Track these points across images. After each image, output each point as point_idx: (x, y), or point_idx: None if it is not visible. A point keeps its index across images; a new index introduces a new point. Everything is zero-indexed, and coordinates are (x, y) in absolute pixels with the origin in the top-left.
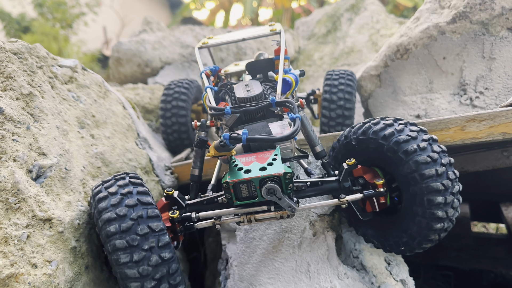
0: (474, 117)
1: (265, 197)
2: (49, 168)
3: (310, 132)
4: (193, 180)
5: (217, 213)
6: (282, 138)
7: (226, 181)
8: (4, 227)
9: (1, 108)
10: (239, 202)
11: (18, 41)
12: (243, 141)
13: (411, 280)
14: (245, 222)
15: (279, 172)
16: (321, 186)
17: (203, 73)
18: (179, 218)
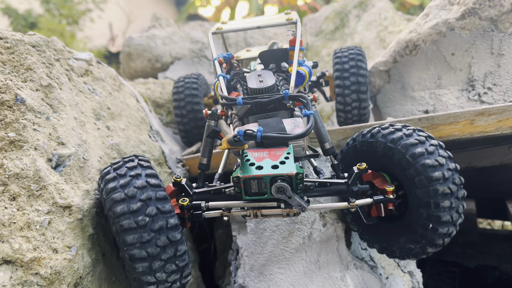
0: (483, 111)
1: (275, 195)
2: (68, 158)
3: (320, 128)
4: (201, 168)
5: (227, 204)
6: (296, 136)
7: (237, 175)
8: (27, 213)
9: (22, 98)
10: (248, 197)
11: (36, 34)
12: (257, 139)
13: (418, 272)
14: (252, 216)
15: (291, 172)
16: (330, 188)
17: (216, 60)
18: (189, 205)
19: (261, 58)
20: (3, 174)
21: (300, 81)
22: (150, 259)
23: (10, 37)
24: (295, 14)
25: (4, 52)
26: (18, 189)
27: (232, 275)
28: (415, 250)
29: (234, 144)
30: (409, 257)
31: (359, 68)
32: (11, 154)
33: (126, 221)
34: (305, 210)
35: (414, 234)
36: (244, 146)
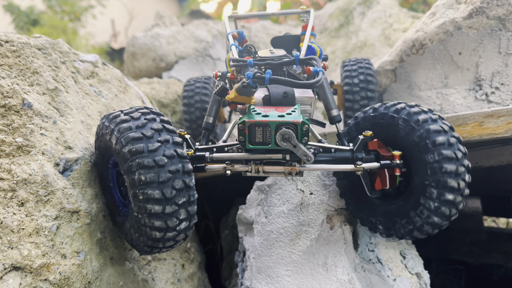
0: (492, 113)
1: (280, 144)
2: (75, 162)
3: (328, 94)
4: (206, 127)
5: (230, 156)
6: (306, 84)
7: (243, 120)
8: (35, 218)
9: (29, 103)
10: (252, 146)
11: (42, 37)
12: (266, 81)
13: (426, 274)
14: (253, 172)
15: (297, 120)
16: (334, 154)
17: (229, 34)
18: (193, 155)
19: (273, 43)
20: (11, 179)
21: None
22: (165, 202)
23: (16, 40)
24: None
25: (10, 56)
26: (27, 195)
27: (239, 277)
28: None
29: (242, 91)
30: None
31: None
32: (19, 159)
33: (145, 159)
34: (310, 160)
35: (419, 205)
36: (252, 100)
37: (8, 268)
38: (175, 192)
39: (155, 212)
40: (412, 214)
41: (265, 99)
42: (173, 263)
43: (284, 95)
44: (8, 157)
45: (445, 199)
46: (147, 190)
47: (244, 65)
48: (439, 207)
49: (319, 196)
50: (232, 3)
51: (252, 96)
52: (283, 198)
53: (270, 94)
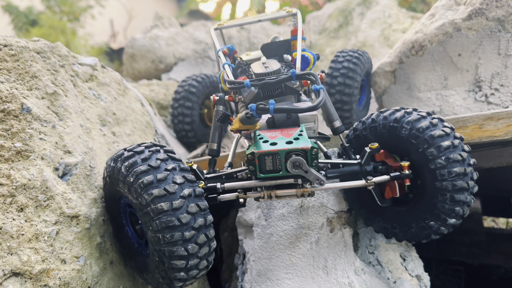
0: (492, 116)
1: (291, 171)
2: (75, 166)
3: (329, 107)
4: (211, 154)
5: (242, 184)
6: (308, 109)
7: (252, 151)
8: (35, 224)
9: (28, 107)
10: (263, 175)
11: (40, 40)
12: (270, 111)
13: (426, 276)
14: (266, 197)
15: (306, 146)
16: (342, 169)
17: (220, 51)
18: (205, 187)
19: (264, 50)
20: (10, 185)
21: (304, 65)
22: (182, 227)
23: (14, 44)
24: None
25: (9, 60)
26: (26, 200)
27: (239, 280)
28: (436, 226)
29: (246, 121)
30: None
31: (350, 70)
32: (18, 164)
33: (156, 190)
34: (323, 184)
35: (433, 209)
36: (256, 126)
37: (7, 274)
38: (190, 217)
39: (174, 240)
40: (428, 218)
41: (269, 122)
42: None
43: (288, 116)
44: (7, 162)
45: (458, 200)
46: (162, 218)
47: (241, 87)
48: (453, 209)
49: (319, 199)
50: (231, 2)
51: (257, 123)
52: (283, 201)
53: (273, 116)
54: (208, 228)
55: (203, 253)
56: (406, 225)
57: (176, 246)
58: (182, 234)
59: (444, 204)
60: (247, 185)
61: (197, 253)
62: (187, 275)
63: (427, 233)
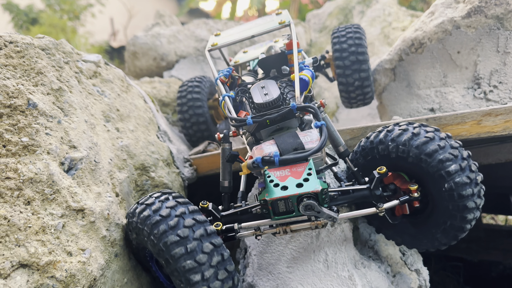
0: (490, 112)
1: (303, 213)
2: (80, 161)
3: (333, 133)
4: (223, 191)
5: (258, 223)
6: (313, 152)
7: (264, 199)
8: (42, 216)
9: (34, 103)
10: (277, 218)
11: (45, 37)
12: (276, 164)
13: (425, 270)
14: (281, 233)
15: (316, 189)
16: (352, 194)
17: (217, 80)
18: (224, 229)
19: (261, 65)
20: (17, 178)
21: (304, 87)
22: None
23: (20, 40)
24: (286, 14)
25: (14, 56)
26: (33, 194)
27: (240, 274)
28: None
29: (253, 169)
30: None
31: (358, 46)
32: (25, 158)
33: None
34: (336, 221)
35: (443, 225)
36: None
37: (15, 266)
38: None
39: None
40: (438, 234)
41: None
42: None
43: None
44: (14, 157)
45: (466, 218)
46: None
47: (243, 124)
48: (462, 226)
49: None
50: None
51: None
52: None
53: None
54: (227, 263)
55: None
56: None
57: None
58: (202, 274)
59: (453, 222)
60: (263, 223)
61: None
62: None
63: (436, 245)
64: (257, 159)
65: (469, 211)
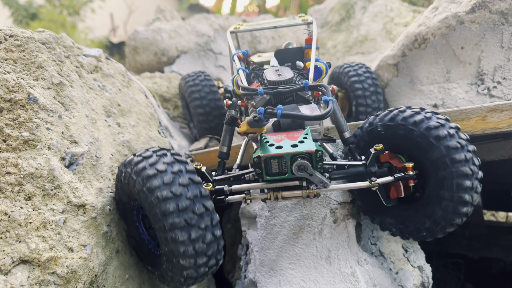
0: (496, 107)
1: (296, 174)
2: (81, 156)
3: (339, 118)
4: (221, 157)
5: (249, 187)
6: (316, 117)
7: (258, 155)
8: (42, 212)
9: (35, 97)
10: (269, 177)
11: (45, 31)
12: (278, 116)
13: (428, 267)
14: (272, 199)
15: (310, 149)
16: (348, 170)
17: (235, 56)
18: (213, 190)
19: (277, 56)
20: (18, 174)
21: (317, 75)
22: (189, 227)
23: (20, 34)
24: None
25: (15, 50)
26: (33, 189)
27: (242, 270)
28: (434, 230)
29: (253, 124)
30: (427, 237)
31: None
32: (25, 153)
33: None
34: (327, 187)
35: (434, 215)
36: (263, 129)
37: (16, 262)
38: (196, 217)
39: (181, 239)
40: (427, 223)
41: (275, 126)
42: None
43: (293, 119)
44: (15, 151)
45: (459, 211)
46: (170, 219)
47: (254, 94)
48: (453, 219)
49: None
50: None
51: (264, 127)
52: None
53: (279, 120)
54: (215, 228)
55: (211, 252)
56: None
57: (184, 246)
58: (189, 234)
59: (444, 213)
60: (254, 187)
61: (205, 252)
62: (197, 273)
63: (423, 235)
64: (259, 110)
65: (463, 204)
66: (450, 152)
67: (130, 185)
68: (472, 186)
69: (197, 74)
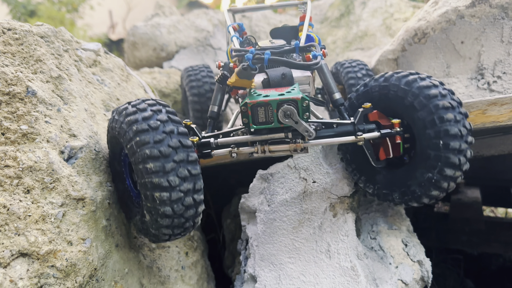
0: (496, 101)
1: (282, 120)
2: (80, 150)
3: (329, 79)
4: (211, 116)
5: (235, 139)
6: (303, 65)
7: (245, 102)
8: (41, 205)
9: (34, 90)
10: (256, 126)
11: (44, 25)
12: (265, 61)
13: (427, 261)
14: (259, 152)
15: (296, 96)
16: (336, 128)
17: (230, 26)
18: (199, 142)
19: (272, 34)
20: (17, 167)
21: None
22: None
23: (18, 27)
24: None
25: (13, 43)
26: (32, 182)
27: (242, 265)
28: (418, 194)
29: (242, 74)
30: (410, 201)
31: None
32: (24, 147)
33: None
34: (312, 136)
35: (420, 177)
36: (252, 84)
37: (15, 255)
38: (179, 181)
39: (161, 199)
40: (413, 185)
41: (264, 82)
42: (177, 250)
43: (283, 76)
44: (14, 145)
45: (445, 173)
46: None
47: (245, 54)
48: (438, 181)
49: (322, 185)
50: None
51: (252, 79)
52: (286, 187)
53: (269, 77)
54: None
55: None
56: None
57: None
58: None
59: (430, 174)
60: (241, 140)
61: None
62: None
63: (407, 199)
64: (247, 56)
65: (449, 165)
66: (439, 111)
67: (120, 134)
68: (460, 148)
69: (200, 69)
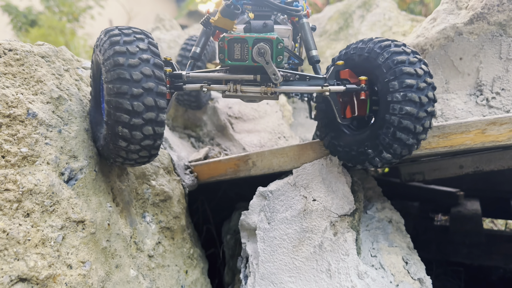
0: (495, 121)
1: (256, 58)
2: (80, 171)
3: (308, 36)
4: (193, 56)
5: (207, 75)
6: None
7: (223, 35)
8: (41, 229)
9: (34, 112)
10: (230, 62)
11: (45, 44)
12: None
13: (428, 279)
14: (231, 91)
15: (272, 36)
16: (308, 81)
17: None
18: (172, 73)
19: None
20: (17, 190)
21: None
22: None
23: (19, 48)
24: None
25: (14, 64)
26: (32, 205)
27: (242, 283)
28: (371, 155)
29: (226, 12)
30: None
31: None
32: (24, 169)
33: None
34: (278, 80)
35: (376, 139)
36: (234, 27)
37: (14, 280)
38: (143, 108)
39: (122, 121)
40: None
41: (246, 29)
42: (177, 269)
43: (264, 25)
44: (14, 168)
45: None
46: (119, 99)
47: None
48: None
49: (322, 203)
50: None
51: (235, 20)
52: (286, 205)
53: (250, 24)
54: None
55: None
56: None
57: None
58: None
59: (385, 137)
60: (213, 77)
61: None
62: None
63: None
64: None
65: (404, 130)
66: (402, 76)
67: (101, 52)
68: (417, 114)
69: None
